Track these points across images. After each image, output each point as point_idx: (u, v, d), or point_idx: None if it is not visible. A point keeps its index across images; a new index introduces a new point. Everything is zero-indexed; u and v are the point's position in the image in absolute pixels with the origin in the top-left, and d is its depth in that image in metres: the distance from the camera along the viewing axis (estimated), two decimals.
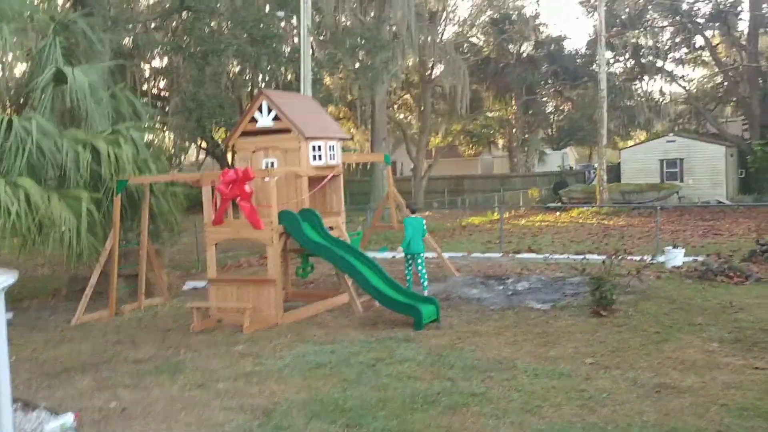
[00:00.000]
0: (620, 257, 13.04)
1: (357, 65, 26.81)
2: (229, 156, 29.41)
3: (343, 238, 11.80)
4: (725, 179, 36.35)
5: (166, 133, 23.79)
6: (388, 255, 18.29)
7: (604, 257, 14.91)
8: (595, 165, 47.45)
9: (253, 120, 11.65)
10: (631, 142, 52.22)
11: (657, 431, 5.92)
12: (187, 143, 24.91)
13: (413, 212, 13.42)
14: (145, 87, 25.72)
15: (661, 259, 15.51)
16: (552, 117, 53.74)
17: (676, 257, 14.96)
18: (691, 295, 11.73)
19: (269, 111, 11.48)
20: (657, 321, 9.92)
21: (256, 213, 10.65)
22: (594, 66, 45.17)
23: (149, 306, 12.94)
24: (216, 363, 8.68)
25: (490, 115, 48.74)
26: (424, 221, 13.08)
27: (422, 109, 42.02)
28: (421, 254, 12.66)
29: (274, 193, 10.64)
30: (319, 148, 11.50)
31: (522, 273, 14.87)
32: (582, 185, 39.66)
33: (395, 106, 46.71)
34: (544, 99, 50.42)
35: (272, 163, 11.55)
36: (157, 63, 27.55)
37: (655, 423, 6.10)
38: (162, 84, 28.83)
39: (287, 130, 11.38)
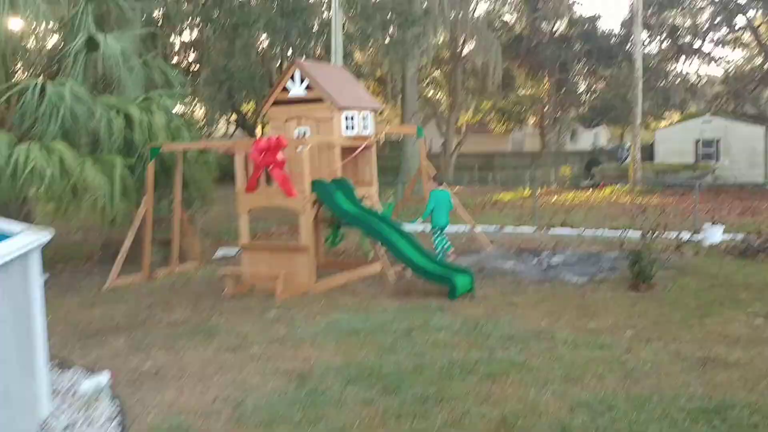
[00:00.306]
0: (658, 233, 12.76)
1: (388, 40, 26.53)
2: (258, 129, 29.40)
3: (375, 209, 11.66)
4: (764, 160, 35.57)
5: (197, 104, 23.73)
6: (419, 227, 18.17)
7: (641, 233, 14.76)
8: (628, 144, 46.82)
9: (286, 89, 11.50)
10: (663, 123, 51.43)
11: (705, 403, 5.72)
12: (217, 115, 24.81)
13: (440, 185, 13.23)
14: (175, 60, 25.75)
15: (699, 236, 15.17)
16: (584, 96, 52.97)
17: (715, 234, 14.61)
18: (732, 271, 11.44)
19: (302, 80, 11.32)
20: (697, 296, 9.67)
21: (288, 181, 10.53)
22: (629, 46, 44.38)
23: (182, 272, 12.93)
24: (249, 327, 8.62)
25: (522, 93, 48.09)
26: (451, 195, 12.93)
27: (453, 85, 41.60)
28: (443, 228, 12.56)
29: (306, 162, 10.51)
30: (352, 118, 11.33)
31: (557, 247, 14.62)
32: (615, 164, 39.07)
33: (426, 83, 46.27)
34: (577, 78, 49.66)
35: (305, 133, 11.41)
36: (186, 37, 27.57)
37: (703, 395, 5.91)
38: (192, 57, 28.84)
39: (320, 100, 11.23)
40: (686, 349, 7.19)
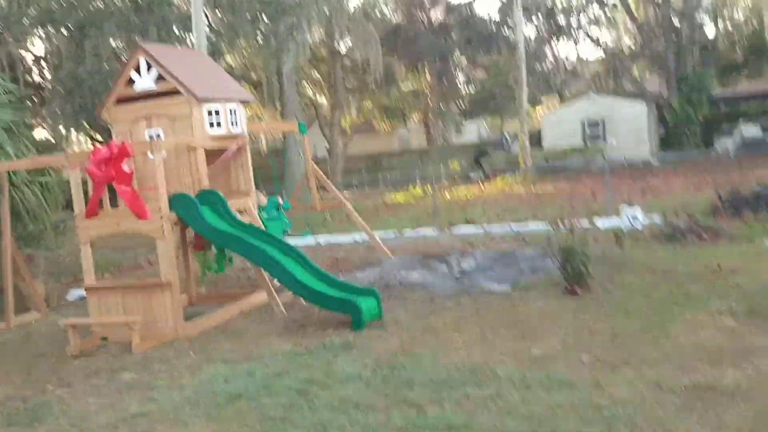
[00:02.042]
0: (571, 223, 11.37)
1: (259, 35, 24.40)
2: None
3: (255, 223, 9.60)
4: (648, 137, 35.71)
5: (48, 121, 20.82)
6: (311, 242, 16.16)
7: (548, 225, 13.40)
8: (507, 133, 46.49)
9: (131, 82, 9.25)
10: (541, 109, 51.61)
11: None
12: (66, 130, 21.88)
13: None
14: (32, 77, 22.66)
15: (618, 221, 13.96)
16: (466, 87, 52.41)
17: (637, 216, 13.41)
18: (668, 259, 10.11)
19: (149, 69, 9.11)
20: (645, 295, 8.18)
21: (139, 199, 8.32)
22: (507, 31, 43.96)
23: (21, 324, 10.42)
24: (93, 401, 6.39)
25: (404, 88, 46.82)
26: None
27: (333, 84, 39.78)
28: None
29: (161, 172, 8.32)
30: (217, 113, 9.21)
31: (465, 249, 13.00)
32: (503, 153, 38.38)
33: (305, 83, 44.21)
34: (458, 68, 48.94)
35: (158, 135, 9.20)
36: (39, 50, 24.41)
37: None
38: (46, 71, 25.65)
39: (174, 92, 9.04)
40: (666, 375, 5.56)
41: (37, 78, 26.34)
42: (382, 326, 7.92)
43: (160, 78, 9.08)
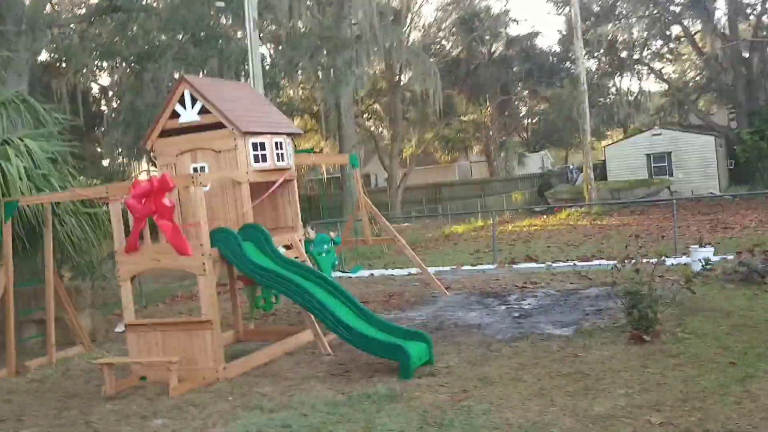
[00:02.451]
0: (634, 261, 10.64)
1: (318, 69, 24.38)
2: None
3: (301, 259, 9.21)
4: (717, 171, 34.32)
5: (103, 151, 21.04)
6: (364, 274, 15.75)
7: (612, 261, 12.65)
8: (572, 165, 45.43)
9: (175, 115, 9.03)
10: (605, 142, 50.41)
11: None
12: (126, 159, 22.11)
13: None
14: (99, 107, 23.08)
15: (683, 260, 13.10)
16: (527, 118, 51.70)
17: (705, 257, 12.50)
18: (745, 304, 9.28)
19: (193, 102, 8.87)
20: (722, 345, 7.41)
21: (180, 234, 8.01)
22: (568, 63, 43.21)
23: (64, 359, 10.21)
24: None
25: (464, 119, 46.40)
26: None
27: (393, 116, 39.63)
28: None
29: (202, 206, 8.01)
30: (263, 146, 8.90)
31: (525, 287, 12.35)
32: (568, 185, 37.43)
33: (365, 115, 44.22)
34: (519, 100, 48.35)
35: (202, 169, 8.94)
36: (105, 81, 24.96)
37: None
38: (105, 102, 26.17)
39: (219, 126, 8.78)
40: None
41: (104, 109, 27.11)
42: (433, 374, 7.36)
43: (203, 111, 8.83)
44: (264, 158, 8.90)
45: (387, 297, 12.64)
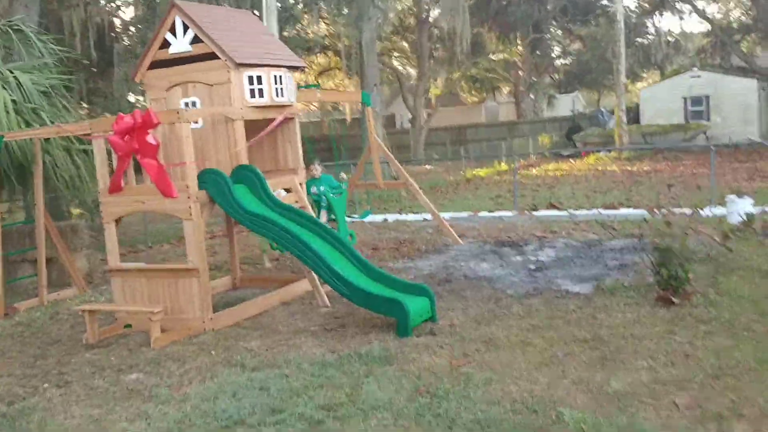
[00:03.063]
0: (665, 211, 9.82)
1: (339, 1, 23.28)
2: None
3: (300, 205, 8.53)
4: (757, 116, 32.76)
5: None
6: (377, 218, 15.09)
7: (641, 210, 11.85)
8: (604, 108, 43.87)
9: (166, 44, 8.27)
10: (641, 84, 48.58)
11: None
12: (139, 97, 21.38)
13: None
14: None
15: (719, 211, 12.20)
16: (560, 58, 49.92)
17: (743, 208, 11.62)
18: None
19: (185, 30, 8.10)
20: (760, 311, 6.65)
21: (165, 174, 7.35)
22: (606, 1, 41.28)
23: (55, 301, 9.76)
24: (80, 412, 5.47)
25: (493, 58, 44.83)
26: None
27: (419, 54, 38.33)
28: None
29: (189, 144, 7.32)
30: (259, 79, 8.12)
31: (545, 236, 11.61)
32: (598, 129, 36.08)
33: (391, 54, 42.90)
34: (552, 39, 46.52)
35: (193, 103, 8.22)
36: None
37: None
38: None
39: (211, 56, 8.00)
40: None
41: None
42: (433, 332, 6.71)
43: (196, 40, 8.05)
44: (261, 93, 8.14)
45: (397, 244, 11.97)
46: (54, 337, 7.92)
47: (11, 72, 9.65)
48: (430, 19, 38.01)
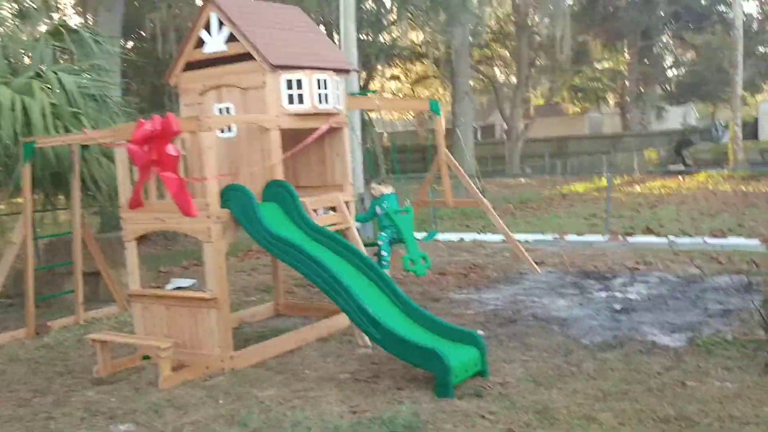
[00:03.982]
0: None
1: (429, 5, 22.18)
2: None
3: (344, 226, 7.51)
4: None
5: None
6: (451, 238, 13.95)
7: (754, 240, 10.24)
8: (719, 122, 40.82)
9: (200, 43, 7.45)
10: (760, 97, 45.11)
11: None
12: None
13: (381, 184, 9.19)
14: None
15: None
16: (671, 68, 47.03)
17: None
18: None
19: (220, 28, 7.25)
20: None
21: (185, 190, 6.48)
22: (722, 6, 38.50)
23: (93, 319, 9.13)
24: None
25: (598, 66, 42.68)
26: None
27: (518, 62, 36.83)
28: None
29: (211, 156, 6.42)
30: (299, 83, 7.15)
31: (637, 268, 10.14)
32: (710, 144, 33.50)
33: (491, 61, 41.47)
34: (663, 47, 43.82)
35: (227, 110, 7.35)
36: None
37: None
38: None
39: (247, 57, 7.11)
40: None
41: None
42: (479, 393, 5.50)
43: (231, 38, 7.18)
44: (300, 99, 7.17)
45: (467, 270, 10.79)
46: (69, 366, 7.19)
47: (55, 73, 9.09)
48: (532, 26, 36.47)
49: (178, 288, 11.13)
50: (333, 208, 7.68)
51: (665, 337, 6.70)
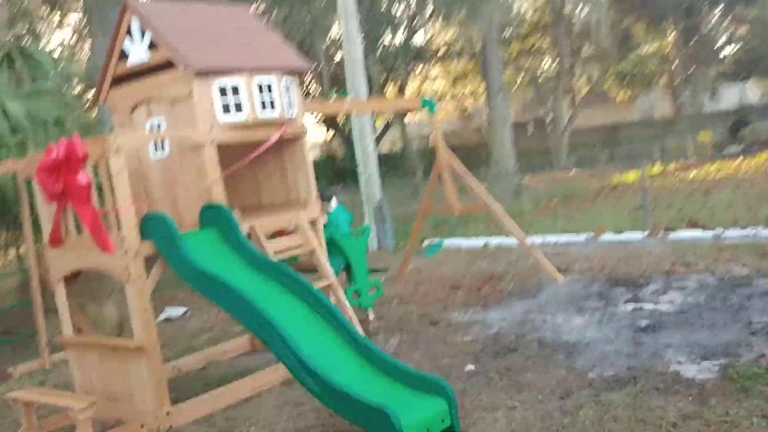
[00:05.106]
0: None
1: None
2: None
3: (307, 248, 6.44)
4: None
5: None
6: (476, 243, 12.79)
7: None
8: None
9: (124, 55, 6.46)
10: None
11: None
12: None
13: (328, 200, 7.93)
14: None
15: None
16: (724, 46, 44.38)
17: None
18: None
19: (143, 35, 6.25)
20: None
21: (99, 224, 5.50)
22: None
23: (62, 361, 8.15)
24: None
25: (644, 50, 40.53)
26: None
27: (558, 50, 35.19)
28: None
29: (124, 182, 5.41)
30: (235, 90, 6.09)
31: (674, 271, 8.75)
32: None
33: (530, 53, 39.81)
34: (709, 25, 41.36)
35: (158, 126, 6.35)
36: None
37: None
38: None
39: (171, 64, 6.09)
40: None
41: None
42: None
43: (154, 45, 6.18)
44: (238, 108, 6.11)
45: (483, 281, 9.57)
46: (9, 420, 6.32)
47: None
48: (568, 14, 34.83)
49: (168, 319, 10.26)
50: (287, 231, 6.62)
51: (692, 367, 5.38)
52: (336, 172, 33.19)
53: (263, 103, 6.21)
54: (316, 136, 48.82)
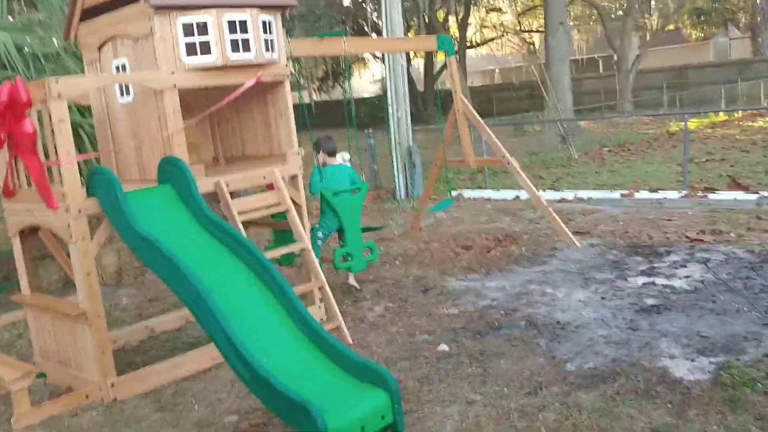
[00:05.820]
0: None
1: None
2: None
3: (284, 204, 5.97)
4: None
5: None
6: (507, 195, 12.16)
7: None
8: None
9: None
10: None
11: None
12: None
13: (330, 154, 7.19)
14: None
15: None
16: None
17: None
18: None
19: None
20: None
21: (44, 176, 5.11)
22: None
23: (16, 322, 7.76)
24: None
25: None
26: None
27: None
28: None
29: (65, 132, 4.97)
30: (202, 28, 5.53)
31: (701, 240, 7.98)
32: None
33: None
34: None
35: (123, 67, 5.87)
36: None
37: None
38: None
39: None
40: None
41: None
42: None
43: None
44: (206, 48, 5.56)
45: (496, 241, 8.95)
46: None
47: None
48: None
49: None
50: (270, 187, 6.14)
51: (684, 363, 4.75)
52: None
53: (236, 44, 5.64)
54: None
